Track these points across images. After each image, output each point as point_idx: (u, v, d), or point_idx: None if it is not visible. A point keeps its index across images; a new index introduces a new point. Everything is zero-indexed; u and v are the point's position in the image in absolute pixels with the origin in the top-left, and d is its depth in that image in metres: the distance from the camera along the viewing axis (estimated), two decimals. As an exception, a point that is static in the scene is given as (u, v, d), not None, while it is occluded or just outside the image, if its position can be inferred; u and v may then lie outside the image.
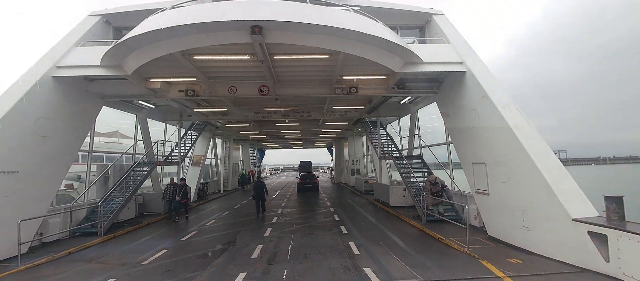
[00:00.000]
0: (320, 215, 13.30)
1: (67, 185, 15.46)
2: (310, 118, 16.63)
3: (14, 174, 8.01)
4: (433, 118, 15.51)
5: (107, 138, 26.63)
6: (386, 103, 14.88)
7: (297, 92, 11.23)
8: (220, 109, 14.36)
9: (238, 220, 12.60)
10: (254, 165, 42.56)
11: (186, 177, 19.39)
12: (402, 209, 13.42)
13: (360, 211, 13.99)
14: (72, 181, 16.48)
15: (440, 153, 12.49)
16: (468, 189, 10.87)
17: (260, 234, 9.89)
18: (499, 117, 8.09)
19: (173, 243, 9.08)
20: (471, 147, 9.45)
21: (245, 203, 18.10)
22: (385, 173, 19.75)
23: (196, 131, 19.20)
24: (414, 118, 14.97)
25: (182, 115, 16.37)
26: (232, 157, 27.91)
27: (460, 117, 9.89)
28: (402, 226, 10.71)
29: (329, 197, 19.96)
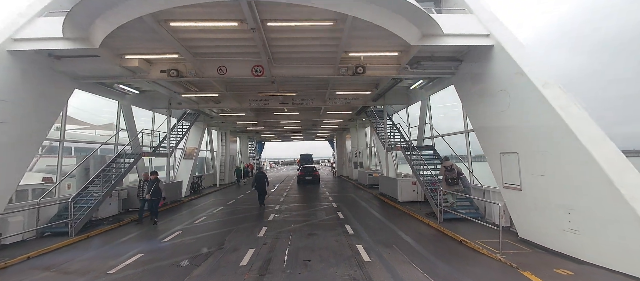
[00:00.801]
0: (322, 211, 12.03)
1: (46, 178, 14.17)
2: (310, 105, 15.26)
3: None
4: (447, 105, 14.16)
5: (103, 130, 25.28)
6: (394, 88, 13.48)
7: (296, 73, 9.83)
8: (211, 94, 12.98)
9: (231, 218, 11.34)
10: (252, 158, 41.29)
11: (178, 170, 18.18)
12: (412, 205, 12.15)
13: (365, 208, 12.71)
14: (52, 175, 15.18)
15: (457, 144, 11.15)
16: (491, 183, 9.58)
17: (254, 235, 8.61)
18: (538, 97, 6.71)
19: (152, 246, 7.81)
20: (499, 135, 8.09)
21: (240, 198, 16.85)
22: (392, 166, 18.46)
23: (188, 121, 17.88)
24: (425, 105, 13.59)
25: (171, 103, 15.01)
26: (229, 150, 26.61)
27: (484, 100, 8.51)
28: (415, 225, 9.43)
29: (331, 191, 18.70)
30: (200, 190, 19.84)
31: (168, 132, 15.14)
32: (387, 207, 12.63)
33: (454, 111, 13.45)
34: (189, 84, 11.82)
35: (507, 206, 8.07)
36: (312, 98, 15.08)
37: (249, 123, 22.74)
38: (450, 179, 9.59)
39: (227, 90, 12.38)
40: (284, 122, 23.48)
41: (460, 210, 9.47)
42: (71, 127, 31.24)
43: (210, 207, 13.82)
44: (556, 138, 6.36)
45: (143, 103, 14.40)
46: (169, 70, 9.27)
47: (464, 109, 10.56)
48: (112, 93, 12.29)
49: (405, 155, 12.29)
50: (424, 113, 13.77)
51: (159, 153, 14.81)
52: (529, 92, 6.96)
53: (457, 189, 9.69)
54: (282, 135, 37.62)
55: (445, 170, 9.75)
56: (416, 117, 15.03)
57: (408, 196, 12.98)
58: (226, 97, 14.74)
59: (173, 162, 18.39)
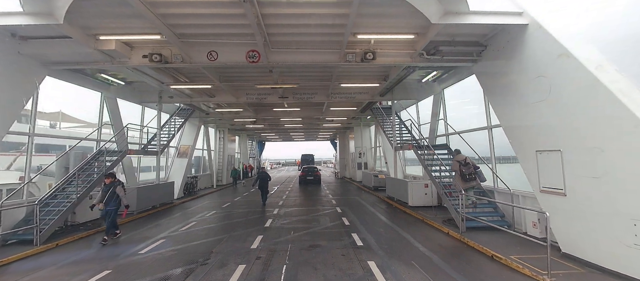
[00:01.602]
0: (325, 216, 10.82)
1: (23, 178, 12.99)
2: (312, 100, 14.06)
3: None
4: (463, 99, 12.94)
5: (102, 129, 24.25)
6: (404, 82, 12.26)
7: (297, 59, 8.63)
8: (203, 86, 11.79)
9: (223, 223, 10.15)
10: (253, 158, 40.11)
11: (171, 170, 17.02)
12: (425, 210, 10.93)
13: (373, 213, 11.49)
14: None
15: (477, 142, 9.91)
16: (520, 186, 8.35)
17: (247, 245, 7.41)
18: (591, 82, 5.50)
19: (125, 260, 6.62)
20: (534, 130, 6.86)
21: (237, 200, 15.66)
22: (400, 167, 17.23)
23: (181, 117, 16.73)
24: (438, 100, 12.37)
25: (161, 96, 13.86)
26: (227, 149, 25.43)
27: (516, 90, 7.30)
28: (433, 234, 8.20)
29: (334, 194, 17.49)
30: (195, 191, 18.67)
31: (158, 128, 13.97)
32: (397, 212, 11.40)
33: (473, 106, 12.27)
34: (177, 74, 10.66)
35: (546, 214, 6.83)
36: (314, 92, 13.90)
37: (248, 120, 21.55)
38: (468, 174, 8.48)
39: (221, 81, 11.21)
40: (285, 120, 22.29)
41: (482, 216, 8.25)
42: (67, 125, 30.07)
43: (203, 210, 12.64)
44: (617, 131, 5.14)
45: (131, 96, 13.25)
46: (152, 55, 8.10)
47: (486, 102, 9.35)
48: (94, 84, 11.14)
49: (418, 154, 11.08)
50: (436, 109, 12.55)
51: (148, 151, 13.64)
52: (578, 76, 5.75)
53: (474, 185, 8.56)
54: (282, 135, 36.46)
55: (460, 164, 8.62)
56: (427, 115, 13.88)
57: (420, 200, 11.77)
58: (221, 91, 13.58)
59: (166, 161, 17.26)
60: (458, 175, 8.66)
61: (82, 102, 63.95)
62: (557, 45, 6.16)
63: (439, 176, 9.93)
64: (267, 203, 13.97)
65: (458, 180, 8.59)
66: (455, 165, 8.82)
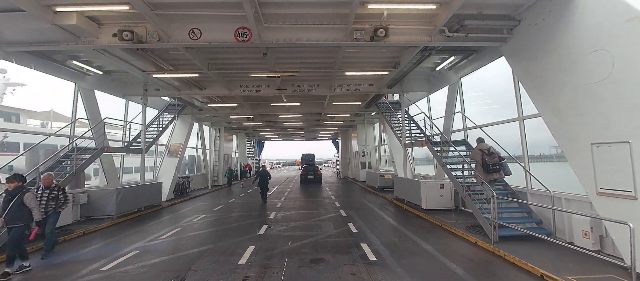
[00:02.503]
0: (329, 222, 9.50)
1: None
2: (313, 93, 12.76)
3: None
4: (484, 90, 11.56)
5: None
6: (415, 71, 10.96)
7: (295, 38, 7.32)
8: (190, 74, 10.48)
9: (211, 230, 8.84)
10: (251, 157, 38.80)
11: (160, 170, 15.73)
12: (441, 214, 9.61)
13: (382, 217, 10.17)
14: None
15: (503, 137, 8.57)
16: (561, 188, 7.03)
17: (234, 259, 6.10)
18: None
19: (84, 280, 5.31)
20: (590, 117, 5.55)
21: (231, 202, 14.36)
22: (408, 166, 15.93)
23: (170, 112, 15.45)
24: (454, 90, 11.05)
25: (147, 89, 12.58)
26: (223, 148, 24.13)
27: (563, 69, 5.99)
28: (458, 244, 6.88)
29: (337, 195, 16.16)
30: (187, 192, 17.36)
31: (143, 123, 12.67)
32: (409, 217, 10.08)
33: (497, 95, 10.94)
34: (160, 61, 9.34)
35: (628, 225, 5.50)
36: (315, 84, 12.60)
37: (245, 117, 20.27)
38: (492, 165, 7.31)
39: (210, 69, 9.89)
40: (284, 117, 20.98)
41: (514, 221, 6.91)
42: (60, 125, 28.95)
43: (192, 214, 11.33)
44: None
45: (112, 88, 11.96)
46: (122, 32, 6.79)
47: (517, 89, 8.02)
48: (66, 72, 9.83)
49: (434, 151, 9.75)
50: (452, 101, 11.22)
51: (132, 149, 12.34)
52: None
53: (497, 178, 7.41)
54: (282, 133, 35.18)
55: (483, 153, 7.46)
56: (439, 110, 12.57)
57: (434, 202, 10.45)
58: (211, 82, 12.30)
59: (155, 161, 15.97)
60: (479, 166, 7.51)
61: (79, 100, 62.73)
62: (626, 7, 4.85)
63: (461, 176, 8.60)
64: (262, 206, 12.67)
65: (480, 171, 7.43)
66: (477, 154, 7.63)
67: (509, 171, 7.61)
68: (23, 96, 67.70)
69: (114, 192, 10.55)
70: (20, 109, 25.84)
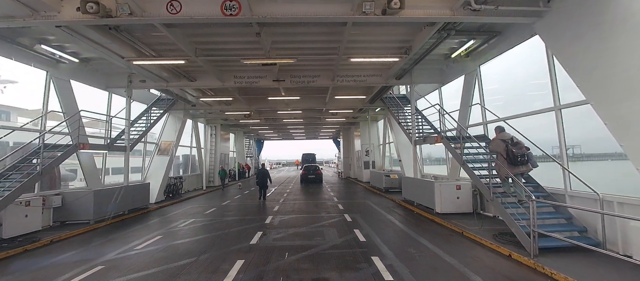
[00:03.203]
0: (332, 227, 8.37)
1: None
2: (314, 85, 11.63)
3: None
4: (508, 79, 10.41)
5: (90, 129, 21.85)
6: (427, 59, 9.83)
7: (292, 12, 6.18)
8: (175, 61, 9.35)
9: (197, 238, 7.71)
10: (250, 157, 37.68)
11: (149, 169, 14.62)
12: (459, 218, 8.49)
13: (392, 222, 9.04)
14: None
15: (534, 133, 7.40)
16: (611, 190, 5.89)
17: (218, 278, 4.97)
18: None
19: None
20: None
21: (225, 204, 13.23)
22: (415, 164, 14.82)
23: (159, 107, 14.32)
24: (471, 80, 9.90)
25: (131, 80, 11.48)
26: (220, 147, 22.99)
27: (617, 44, 4.85)
28: (488, 257, 5.75)
29: (340, 197, 15.02)
30: (179, 193, 16.24)
31: (127, 118, 11.55)
32: (423, 222, 8.94)
33: (512, 86, 9.83)
34: (140, 44, 8.22)
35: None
36: (316, 74, 11.48)
37: (241, 113, 19.15)
38: (520, 156, 6.29)
39: (198, 55, 8.77)
40: (283, 113, 19.85)
41: (550, 229, 5.75)
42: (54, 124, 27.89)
43: (180, 219, 10.21)
44: None
45: (92, 79, 10.84)
46: (86, 4, 5.67)
47: (553, 73, 6.87)
48: (35, 59, 8.72)
49: (451, 148, 8.61)
50: (469, 91, 10.06)
51: (115, 147, 11.22)
52: None
53: (525, 171, 6.42)
54: (282, 132, 34.08)
55: (506, 143, 6.49)
56: (452, 105, 11.42)
57: (450, 205, 9.32)
58: (202, 72, 11.20)
59: (143, 160, 14.86)
60: (502, 158, 6.47)
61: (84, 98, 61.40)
62: None
63: (485, 175, 7.45)
64: (255, 210, 11.56)
65: (503, 163, 6.42)
66: (500, 145, 6.58)
67: (535, 163, 6.58)
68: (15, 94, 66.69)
69: (91, 193, 9.45)
70: (10, 107, 24.80)
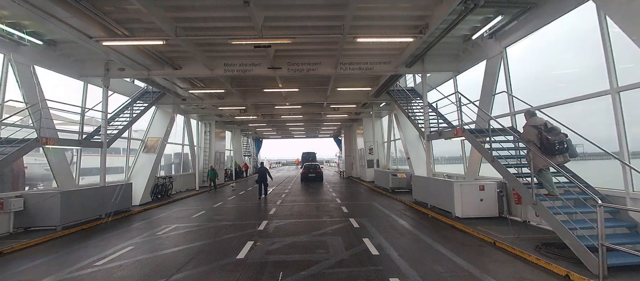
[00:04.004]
0: (337, 236, 7.10)
1: None
2: (315, 73, 10.36)
3: None
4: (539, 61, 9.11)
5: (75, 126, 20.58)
6: (442, 43, 8.58)
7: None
8: (152, 41, 8.06)
9: (172, 249, 6.43)
10: (248, 156, 36.39)
11: (134, 168, 13.36)
12: (484, 224, 7.23)
13: (407, 230, 7.76)
14: None
15: (579, 128, 6.12)
16: None
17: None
18: None
19: None
20: None
21: (217, 207, 11.96)
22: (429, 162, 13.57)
23: (144, 101, 13.07)
24: (496, 65, 8.62)
25: (109, 68, 10.22)
26: (215, 145, 21.70)
27: None
28: (538, 278, 4.47)
29: (343, 198, 13.75)
30: (168, 194, 14.96)
31: (104, 111, 10.26)
32: (442, 228, 7.67)
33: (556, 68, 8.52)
34: (108, 20, 6.94)
35: None
36: (317, 61, 10.21)
37: (236, 108, 17.89)
38: (557, 143, 5.40)
39: (178, 35, 7.49)
40: (281, 109, 18.57)
41: (611, 239, 4.48)
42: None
43: (162, 224, 8.95)
44: None
45: (62, 65, 9.57)
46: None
47: (608, 49, 5.60)
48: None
49: (476, 143, 7.32)
50: (493, 78, 8.79)
51: (90, 143, 9.95)
52: None
53: (562, 161, 5.49)
54: (281, 130, 32.82)
55: (539, 130, 5.64)
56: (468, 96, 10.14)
57: (473, 209, 8.07)
58: (187, 59, 9.95)
59: (126, 159, 13.58)
60: (535, 147, 5.58)
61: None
62: None
63: (519, 173, 6.18)
64: (248, 214, 10.32)
65: (536, 152, 5.46)
66: (531, 132, 5.67)
67: (575, 152, 5.55)
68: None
69: (58, 195, 8.18)
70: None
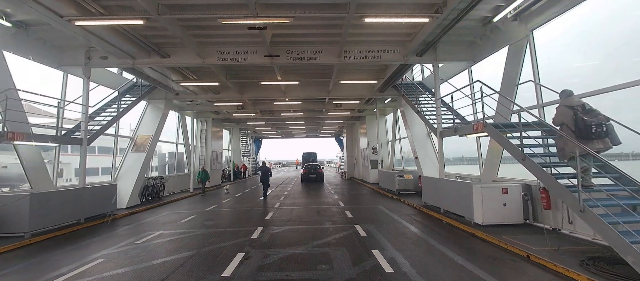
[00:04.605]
0: (342, 248, 6.14)
1: None
2: (316, 62, 9.40)
3: None
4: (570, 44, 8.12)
5: None
6: (455, 30, 7.63)
7: None
8: (131, 20, 7.10)
9: (148, 263, 5.46)
10: (248, 156, 35.45)
11: (121, 169, 12.45)
12: (510, 232, 6.26)
13: (422, 239, 6.79)
14: None
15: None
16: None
17: None
18: None
19: None
20: None
21: (209, 210, 11.02)
22: (427, 162, 12.63)
23: (134, 95, 12.16)
24: (520, 51, 7.64)
25: (91, 57, 9.31)
26: (211, 144, 20.74)
27: None
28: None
29: (347, 201, 12.77)
30: (159, 196, 14.01)
31: (85, 104, 9.33)
32: (462, 237, 6.69)
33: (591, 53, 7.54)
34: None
35: None
36: (318, 49, 9.27)
37: (233, 104, 16.95)
38: (595, 126, 4.68)
39: (160, 13, 6.54)
40: (280, 105, 17.59)
41: None
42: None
43: (145, 231, 8.00)
44: None
45: (37, 52, 8.64)
46: None
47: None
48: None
49: (502, 139, 6.32)
50: (516, 66, 7.80)
51: (69, 140, 9.02)
52: None
53: (602, 148, 4.74)
54: (280, 129, 31.88)
55: (575, 111, 4.90)
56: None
57: (495, 214, 7.09)
58: (175, 46, 9.03)
59: (113, 159, 12.65)
60: (569, 131, 4.88)
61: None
62: None
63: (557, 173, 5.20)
64: (241, 218, 9.37)
65: (569, 137, 4.79)
66: (566, 113, 4.98)
67: (617, 138, 4.76)
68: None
69: (26, 197, 7.24)
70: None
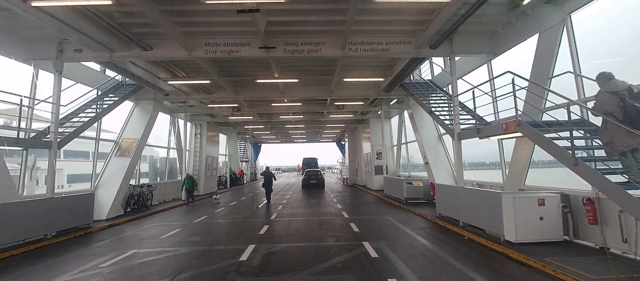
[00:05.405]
0: (349, 273, 5.03)
1: None
2: (317, 55, 8.35)
3: None
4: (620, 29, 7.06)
5: None
6: (474, 17, 6.60)
7: None
8: (99, 1, 6.06)
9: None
10: (246, 162, 34.29)
11: (102, 176, 11.35)
12: (550, 253, 5.15)
13: (446, 262, 5.64)
14: None
15: None
16: None
17: None
18: None
19: None
20: None
21: (197, 222, 9.88)
22: (440, 168, 11.58)
23: (117, 94, 11.11)
24: (554, 39, 6.58)
25: (63, 50, 8.27)
26: (205, 149, 19.63)
27: None
28: None
29: (351, 211, 11.61)
30: (147, 205, 12.87)
31: (56, 103, 8.25)
32: (493, 259, 5.56)
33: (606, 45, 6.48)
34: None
35: None
36: (320, 40, 8.23)
37: (228, 106, 15.90)
38: None
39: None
40: (279, 107, 16.51)
41: None
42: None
43: (120, 248, 6.86)
44: None
45: (5, 45, 7.61)
46: None
47: None
48: None
49: (545, 141, 5.22)
50: (550, 57, 6.73)
51: (38, 143, 7.94)
52: None
53: None
54: (280, 133, 30.81)
55: (620, 97, 4.22)
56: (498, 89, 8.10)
57: (530, 231, 5.97)
58: (159, 37, 8.00)
59: (95, 162, 11.54)
60: (613, 121, 4.15)
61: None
62: None
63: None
64: (237, 231, 8.24)
65: (614, 131, 4.13)
66: (610, 101, 4.28)
67: None
68: None
69: None
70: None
